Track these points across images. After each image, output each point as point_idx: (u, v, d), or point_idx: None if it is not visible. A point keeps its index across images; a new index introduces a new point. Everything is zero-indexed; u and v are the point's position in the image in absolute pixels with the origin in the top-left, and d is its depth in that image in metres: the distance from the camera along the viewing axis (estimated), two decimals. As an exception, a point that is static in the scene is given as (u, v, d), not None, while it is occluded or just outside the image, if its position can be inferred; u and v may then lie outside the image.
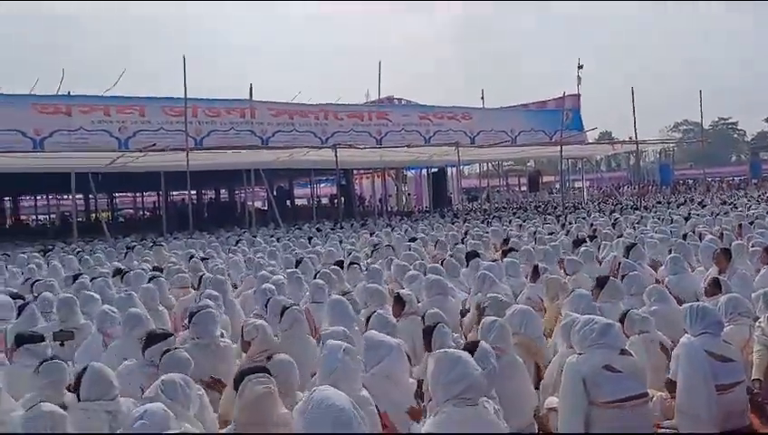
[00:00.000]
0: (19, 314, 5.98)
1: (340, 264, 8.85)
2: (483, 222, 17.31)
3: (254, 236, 15.52)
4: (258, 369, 3.25)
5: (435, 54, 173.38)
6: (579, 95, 30.62)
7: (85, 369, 3.63)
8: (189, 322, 4.98)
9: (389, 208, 31.38)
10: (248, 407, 3.08)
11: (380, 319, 4.73)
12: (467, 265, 8.32)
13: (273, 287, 6.73)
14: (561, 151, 25.19)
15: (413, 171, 37.20)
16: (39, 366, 3.83)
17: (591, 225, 14.37)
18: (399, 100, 31.99)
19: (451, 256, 8.70)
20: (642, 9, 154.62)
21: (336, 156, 20.83)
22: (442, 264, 8.05)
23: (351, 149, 22.50)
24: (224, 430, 3.32)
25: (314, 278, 7.25)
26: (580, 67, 29.90)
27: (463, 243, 11.32)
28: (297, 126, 23.77)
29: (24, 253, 13.37)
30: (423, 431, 3.09)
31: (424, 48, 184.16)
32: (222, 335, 5.03)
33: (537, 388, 4.47)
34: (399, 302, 5.79)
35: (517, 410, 3.41)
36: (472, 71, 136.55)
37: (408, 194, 37.39)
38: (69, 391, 4.04)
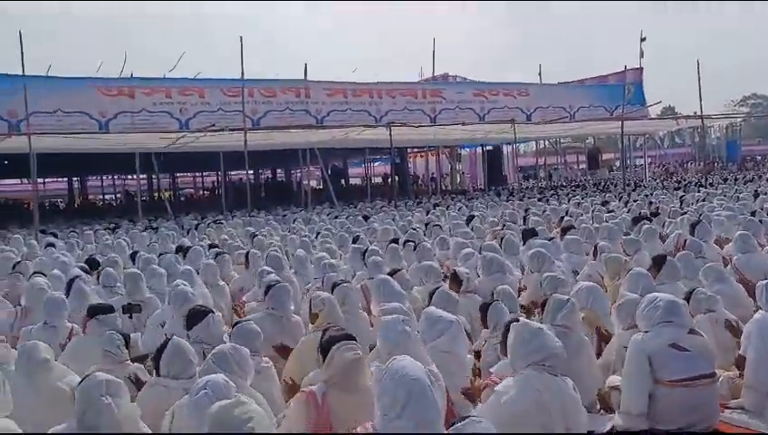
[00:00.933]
0: (68, 291, 6.15)
1: (395, 242, 8.87)
2: (540, 200, 17.02)
3: (310, 215, 15.73)
4: (345, 336, 3.31)
5: (491, 30, 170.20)
6: (641, 69, 29.54)
7: (166, 344, 3.64)
8: (265, 294, 5.15)
9: (443, 187, 31.21)
10: (339, 372, 3.13)
11: (443, 295, 4.74)
12: (524, 244, 8.20)
13: (329, 263, 6.81)
14: (623, 127, 24.44)
15: (467, 149, 36.82)
16: (102, 339, 4.00)
17: (652, 202, 13.94)
18: (454, 77, 31.61)
19: (510, 234, 8.59)
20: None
21: (390, 134, 20.80)
22: (501, 242, 7.96)
23: (405, 127, 22.42)
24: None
25: (370, 255, 7.28)
26: (642, 40, 28.77)
27: (524, 221, 11.16)
28: (351, 105, 23.85)
29: (92, 230, 13.93)
30: (499, 389, 3.10)
31: (479, 23, 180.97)
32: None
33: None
34: (456, 280, 5.78)
35: (583, 389, 3.36)
36: (529, 45, 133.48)
37: (463, 172, 37.06)
38: (134, 362, 4.20)
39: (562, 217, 11.15)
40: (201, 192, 40.48)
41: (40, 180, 18.79)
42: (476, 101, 26.50)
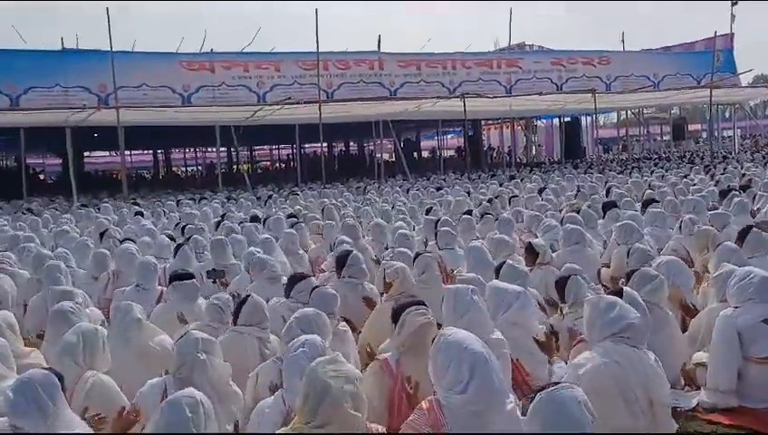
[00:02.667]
0: (175, 255, 6.50)
1: (468, 213, 8.80)
2: (620, 173, 16.43)
3: (383, 187, 15.82)
4: (416, 302, 3.36)
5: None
6: (732, 34, 27.74)
7: (246, 299, 3.99)
8: (337, 263, 5.29)
9: (518, 160, 30.60)
10: (411, 336, 3.20)
11: (511, 269, 4.67)
12: (604, 217, 7.96)
13: (405, 233, 6.84)
14: (711, 96, 23.11)
15: (544, 121, 35.85)
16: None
17: (744, 175, 13.18)
18: (531, 46, 30.70)
19: (588, 206, 8.36)
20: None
21: (464, 106, 20.51)
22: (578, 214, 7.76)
23: (480, 98, 22.04)
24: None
25: (442, 226, 7.27)
26: (734, 3, 26.97)
27: (608, 194, 10.82)
28: (425, 76, 23.63)
29: (177, 200, 14.53)
30: (576, 362, 3.06)
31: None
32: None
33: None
34: (532, 252, 5.68)
35: (667, 365, 3.26)
36: (611, 12, 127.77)
37: (539, 145, 36.16)
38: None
39: (645, 191, 10.73)
40: (277, 165, 41.36)
41: (127, 153, 19.69)
42: (554, 70, 25.68)
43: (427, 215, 8.86)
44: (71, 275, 5.78)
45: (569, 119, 30.84)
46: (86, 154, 32.90)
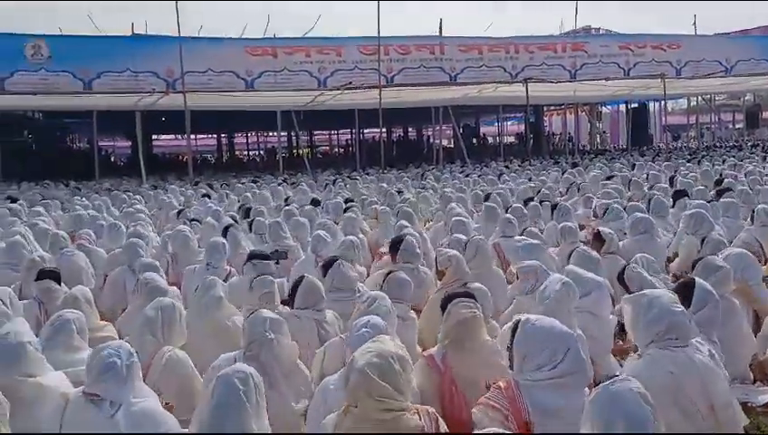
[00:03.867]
0: (224, 236, 6.61)
1: (529, 201, 8.66)
2: (689, 161, 15.82)
3: (441, 173, 15.73)
4: (464, 294, 3.34)
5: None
6: (817, 15, 26.15)
7: (300, 280, 4.02)
8: (391, 248, 5.28)
9: (581, 147, 29.85)
10: (454, 328, 3.19)
11: (583, 255, 4.58)
12: (674, 206, 7.70)
13: (462, 220, 6.80)
14: (789, 82, 21.95)
15: (609, 107, 34.81)
16: (252, 282, 4.25)
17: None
18: (597, 29, 29.79)
19: (659, 195, 8.09)
20: None
21: (527, 91, 20.12)
22: (648, 204, 7.52)
23: (543, 83, 21.58)
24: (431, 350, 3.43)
25: (504, 213, 7.18)
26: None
27: (672, 183, 10.45)
28: (486, 61, 23.30)
29: (240, 183, 14.86)
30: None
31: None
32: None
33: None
34: (599, 239, 5.55)
35: (734, 358, 3.13)
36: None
37: (604, 131, 35.16)
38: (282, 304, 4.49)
39: (717, 181, 10.30)
40: (336, 150, 41.72)
41: (192, 136, 20.25)
42: (621, 54, 24.85)
43: (486, 202, 8.76)
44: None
45: (636, 105, 29.84)
46: (154, 137, 34.00)
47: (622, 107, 31.88)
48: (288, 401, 3.22)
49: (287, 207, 8.82)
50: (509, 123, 38.80)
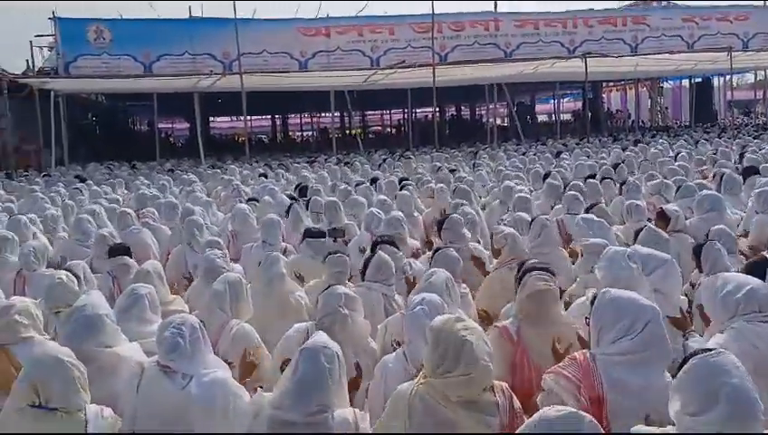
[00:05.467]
0: (288, 214, 6.74)
1: (591, 177, 8.46)
2: (757, 138, 15.13)
3: (496, 152, 15.52)
4: (541, 267, 3.29)
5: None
6: None
7: (373, 255, 4.11)
8: (438, 229, 5.24)
9: (642, 123, 28.91)
10: (527, 301, 3.15)
11: (652, 233, 4.45)
12: (744, 183, 7.38)
13: (526, 197, 6.69)
14: None
15: (671, 82, 33.50)
16: (326, 258, 4.29)
17: None
18: (659, 2, 28.60)
19: (730, 172, 7.76)
20: None
21: (586, 66, 19.56)
22: (720, 181, 7.22)
23: (603, 58, 20.90)
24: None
25: (568, 190, 7.02)
26: None
27: (741, 159, 10.02)
28: (543, 36, 22.70)
29: (296, 163, 15.04)
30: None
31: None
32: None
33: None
34: (663, 217, 5.37)
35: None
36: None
37: (665, 108, 33.91)
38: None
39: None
40: (388, 129, 41.65)
41: (247, 117, 20.54)
42: (685, 27, 23.79)
43: (546, 180, 8.59)
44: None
45: (699, 79, 28.62)
46: (210, 119, 34.71)
47: (685, 82, 30.61)
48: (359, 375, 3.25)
49: (343, 186, 8.87)
50: (565, 99, 37.85)
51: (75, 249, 5.73)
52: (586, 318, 2.70)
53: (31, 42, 20.80)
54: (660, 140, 15.78)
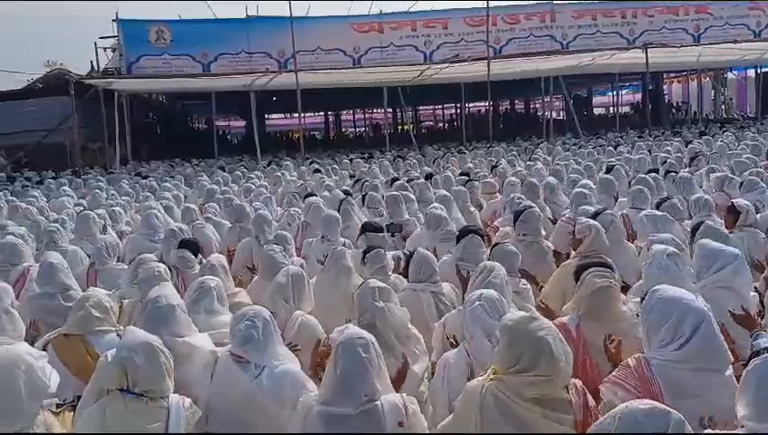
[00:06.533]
0: (339, 209, 6.76)
1: (654, 172, 8.21)
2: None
3: (552, 146, 15.24)
4: (601, 263, 3.23)
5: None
6: None
7: (412, 254, 4.06)
8: (515, 220, 5.17)
9: (705, 115, 27.86)
10: (588, 298, 3.10)
11: (710, 229, 4.29)
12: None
13: (586, 192, 6.55)
14: None
15: (736, 72, 32.13)
16: (365, 255, 4.29)
17: None
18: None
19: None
20: None
21: (646, 57, 18.97)
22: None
23: (664, 48, 20.25)
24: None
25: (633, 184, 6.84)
26: None
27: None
28: (601, 27, 22.19)
29: (350, 159, 15.15)
30: None
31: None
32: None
33: None
34: (733, 212, 5.17)
35: None
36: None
37: (730, 99, 32.56)
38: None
39: None
40: (441, 124, 41.43)
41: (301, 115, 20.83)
42: (751, 15, 22.84)
43: (606, 174, 8.39)
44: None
45: (767, 69, 27.35)
46: (266, 116, 35.30)
47: (750, 72, 29.32)
48: (406, 363, 3.27)
49: (400, 182, 8.88)
50: (624, 91, 36.78)
51: (144, 244, 5.92)
52: (637, 315, 2.64)
53: (95, 43, 21.65)
54: (726, 133, 15.19)
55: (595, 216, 5.07)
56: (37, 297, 4.07)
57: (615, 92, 28.64)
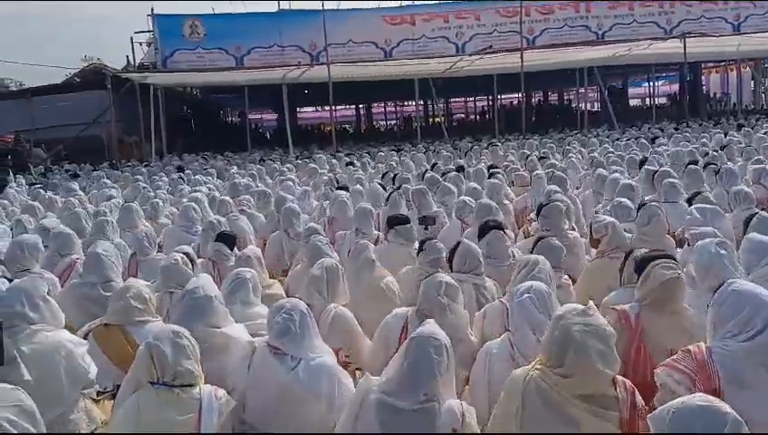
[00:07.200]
0: (387, 202, 6.78)
1: (692, 164, 8.02)
2: None
3: (588, 138, 15.00)
4: (665, 255, 3.18)
5: None
6: None
7: (458, 245, 4.02)
8: (537, 214, 5.11)
9: (744, 106, 27.13)
10: (655, 291, 3.04)
11: (764, 221, 4.18)
12: None
13: (630, 184, 6.43)
14: None
15: (778, 62, 31.19)
16: (422, 244, 4.27)
17: None
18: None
19: None
20: None
21: (684, 47, 18.53)
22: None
23: (703, 38, 19.75)
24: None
25: (664, 177, 6.69)
26: None
27: None
28: (637, 17, 21.74)
29: (381, 151, 15.13)
30: None
31: None
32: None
33: None
34: (776, 205, 5.05)
35: None
36: None
37: (771, 89, 31.61)
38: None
39: None
40: (473, 117, 41.10)
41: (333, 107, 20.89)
42: (793, 3, 22.11)
43: (642, 166, 8.23)
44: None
45: (811, 58, 26.53)
46: (297, 109, 35.47)
47: (794, 61, 28.47)
48: (452, 366, 3.24)
49: (432, 174, 8.84)
50: (660, 82, 36.01)
51: (181, 236, 6.01)
52: (708, 306, 2.58)
53: (131, 38, 22.02)
54: (766, 124, 14.77)
55: (640, 207, 5.00)
56: (79, 286, 4.17)
57: (651, 83, 28.11)
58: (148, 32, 22.05)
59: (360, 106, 38.94)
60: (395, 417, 2.35)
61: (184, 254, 4.25)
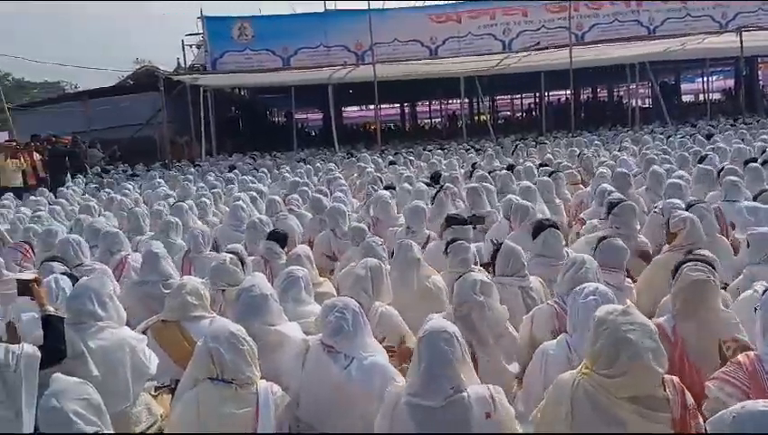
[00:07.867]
0: (432, 201, 6.76)
1: (752, 161, 7.73)
2: None
3: (640, 135, 14.63)
4: (698, 258, 3.10)
5: None
6: None
7: (499, 247, 3.98)
8: (608, 212, 5.01)
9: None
10: (684, 292, 2.99)
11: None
12: None
13: (678, 183, 6.26)
14: None
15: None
16: (448, 246, 4.26)
17: None
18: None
19: None
20: None
21: (741, 41, 17.88)
22: None
23: (761, 31, 19.01)
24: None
25: (725, 175, 6.47)
26: None
27: None
28: (691, 10, 21.06)
29: (428, 150, 15.09)
30: None
31: None
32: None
33: None
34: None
35: None
36: None
37: (837, 83, 30.24)
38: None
39: None
40: (519, 114, 40.58)
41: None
42: None
43: (699, 164, 7.99)
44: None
45: None
46: (342, 109, 35.67)
47: None
48: (499, 360, 3.23)
49: (480, 173, 8.78)
50: (714, 78, 34.84)
51: (230, 234, 6.13)
52: (755, 309, 2.49)
53: (182, 41, 22.53)
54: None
55: (688, 207, 4.86)
56: (140, 284, 4.30)
57: (705, 78, 27.22)
58: (198, 34, 22.51)
59: (405, 104, 38.90)
60: (428, 416, 2.36)
61: (234, 253, 4.33)
